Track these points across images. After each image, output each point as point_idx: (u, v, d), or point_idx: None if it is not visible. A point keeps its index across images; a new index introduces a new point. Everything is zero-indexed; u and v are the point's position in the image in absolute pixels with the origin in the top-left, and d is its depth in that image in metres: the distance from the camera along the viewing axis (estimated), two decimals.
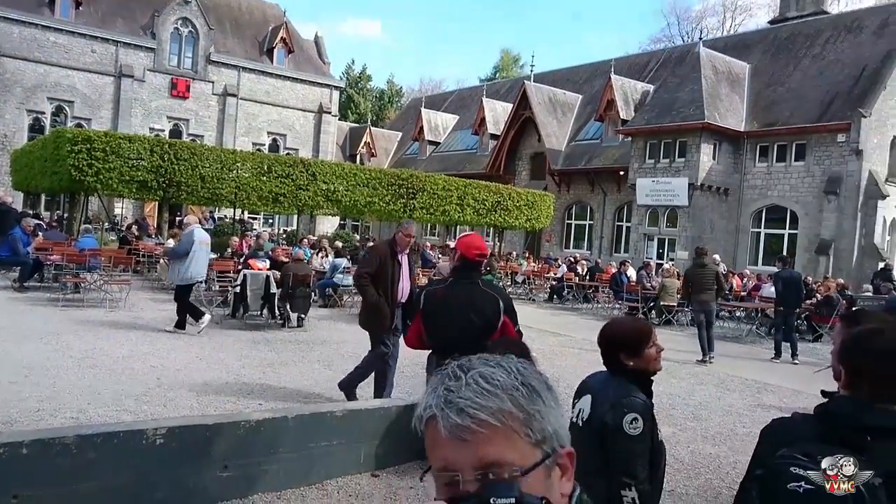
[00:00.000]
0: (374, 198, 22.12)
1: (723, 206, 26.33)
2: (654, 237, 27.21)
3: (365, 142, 42.76)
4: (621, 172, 28.73)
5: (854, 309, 2.61)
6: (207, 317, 9.98)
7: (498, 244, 28.51)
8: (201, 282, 10.31)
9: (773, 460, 1.58)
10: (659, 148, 26.58)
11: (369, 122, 47.75)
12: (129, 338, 9.32)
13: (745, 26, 54.15)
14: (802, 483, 1.48)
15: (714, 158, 25.73)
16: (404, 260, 6.47)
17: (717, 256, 20.42)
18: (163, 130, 34.01)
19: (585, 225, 32.43)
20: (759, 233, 26.25)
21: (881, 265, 20.09)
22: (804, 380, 9.11)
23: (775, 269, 13.03)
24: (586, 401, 2.91)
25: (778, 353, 11.89)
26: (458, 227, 32.00)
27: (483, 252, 4.28)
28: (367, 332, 6.66)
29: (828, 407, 1.72)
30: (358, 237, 29.09)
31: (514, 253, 28.28)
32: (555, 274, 20.52)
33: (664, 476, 2.99)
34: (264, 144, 37.10)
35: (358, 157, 41.51)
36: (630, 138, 27.85)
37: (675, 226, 26.33)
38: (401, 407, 5.30)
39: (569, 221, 33.15)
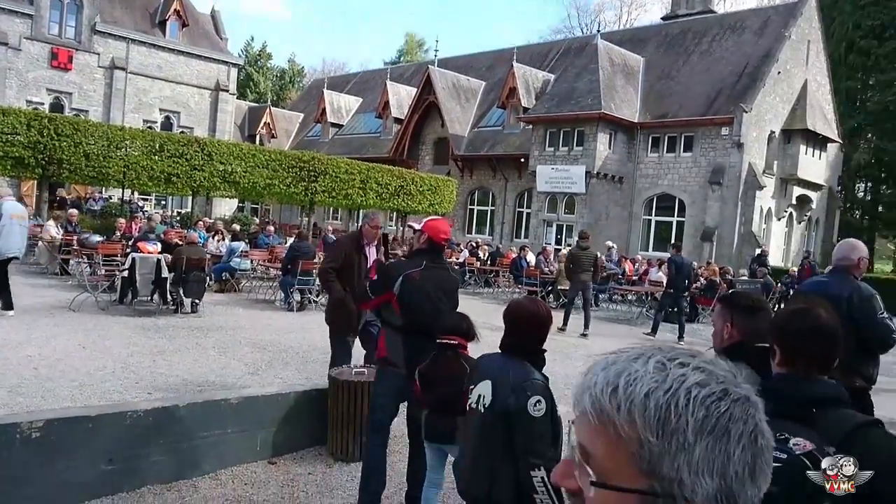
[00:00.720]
0: (274, 180, 21.53)
1: (618, 193, 27.40)
2: (553, 223, 27.98)
3: (265, 122, 41.50)
4: (522, 159, 29.32)
5: (730, 291, 2.71)
6: (11, 313, 9.30)
7: (401, 229, 28.48)
8: (17, 257, 9.60)
9: None
10: (558, 136, 27.30)
11: (269, 103, 46.34)
12: (1, 325, 8.66)
13: (641, 21, 56.45)
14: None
15: (610, 148, 26.70)
16: (371, 253, 6.02)
17: (610, 242, 21.33)
18: (42, 104, 31.59)
19: (487, 210, 32.92)
20: (651, 220, 27.53)
21: (758, 251, 21.54)
22: None
23: (668, 255, 13.72)
24: (486, 386, 2.94)
25: (654, 332, 12.60)
26: (360, 211, 31.76)
27: (449, 237, 4.41)
28: (329, 329, 6.25)
29: (772, 384, 1.78)
30: (257, 220, 28.29)
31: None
32: (457, 259, 20.73)
33: (562, 450, 3.09)
34: (156, 122, 35.25)
35: (257, 137, 40.26)
36: (531, 126, 28.45)
37: (573, 212, 27.18)
38: (299, 393, 5.20)
39: (471, 207, 33.54)
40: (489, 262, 20.49)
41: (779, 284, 18.75)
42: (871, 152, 34.92)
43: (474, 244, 23.60)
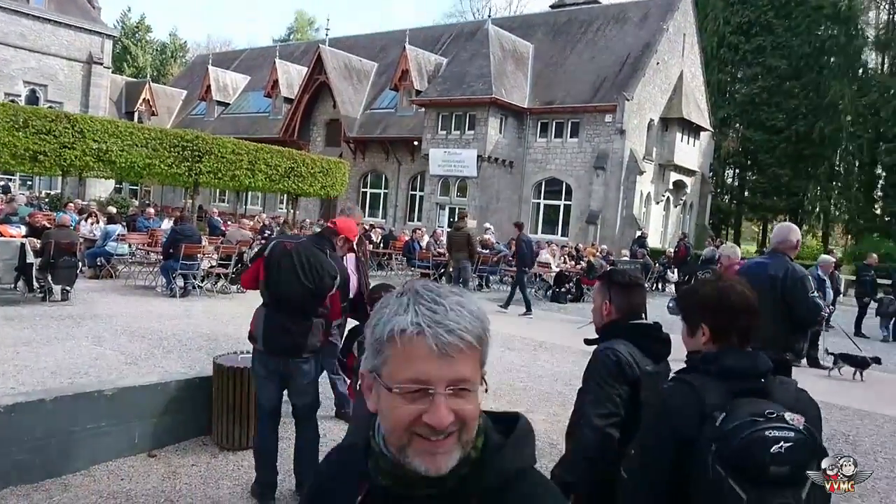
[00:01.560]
0: (154, 160, 20.37)
1: (508, 177, 27.98)
2: (445, 206, 28.22)
3: (144, 98, 39.20)
4: (416, 142, 29.32)
5: (609, 269, 2.79)
6: None
7: (292, 212, 27.82)
8: None
9: (735, 431, 1.58)
10: (451, 120, 27.49)
11: (149, 78, 43.80)
12: None
13: (530, 8, 57.59)
14: (782, 442, 1.55)
15: (501, 132, 27.18)
16: (350, 259, 5.32)
17: (488, 224, 21.87)
18: None
19: (381, 193, 32.74)
20: (540, 203, 28.32)
21: (638, 233, 22.67)
22: (570, 335, 9.99)
23: (520, 234, 13.72)
24: None
25: (529, 309, 13.02)
26: (248, 193, 30.73)
27: (350, 239, 4.33)
28: None
29: (722, 364, 1.76)
30: (136, 202, 26.76)
31: (309, 221, 27.78)
32: None
33: None
34: (20, 95, 32.44)
35: (136, 114, 37.98)
36: (424, 109, 28.47)
37: (465, 195, 27.52)
38: (181, 381, 4.97)
39: (364, 189, 33.24)
40: (382, 246, 20.42)
41: (656, 265, 19.85)
42: (739, 141, 37.50)
43: (367, 227, 23.37)
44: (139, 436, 4.62)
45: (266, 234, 16.85)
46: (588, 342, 2.60)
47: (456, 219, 14.32)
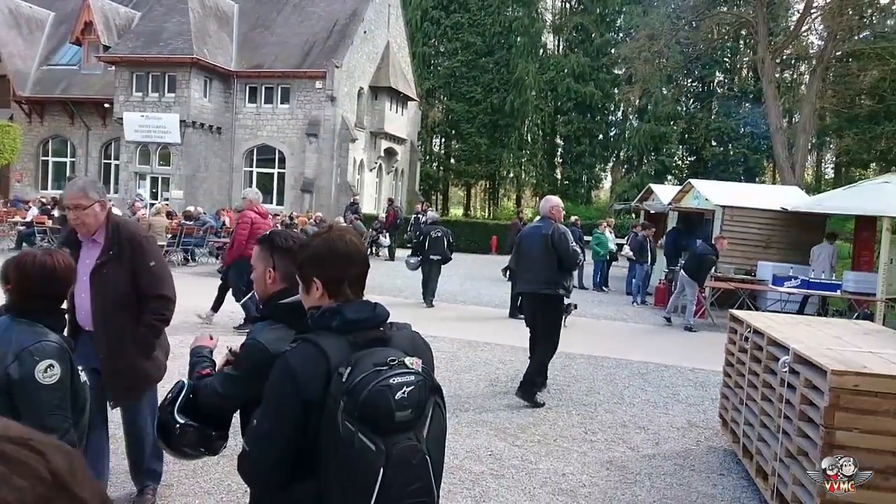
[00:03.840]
0: None
1: (216, 144, 26.44)
2: (146, 176, 25.79)
3: None
4: (107, 105, 26.22)
5: (269, 231, 2.51)
6: None
7: None
8: None
9: (362, 384, 1.56)
10: (147, 81, 25.04)
11: None
12: None
13: None
14: (405, 388, 1.58)
15: (205, 96, 25.49)
16: (92, 252, 3.52)
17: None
18: None
19: (66, 162, 28.79)
20: (252, 172, 27.27)
21: (351, 200, 23.02)
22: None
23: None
24: None
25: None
26: None
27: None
28: None
29: (343, 318, 1.67)
30: None
31: None
32: (23, 218, 17.72)
33: (89, 419, 2.74)
34: None
35: None
36: (114, 68, 25.50)
37: (168, 164, 25.40)
38: None
39: (45, 158, 28.97)
40: (63, 221, 17.96)
41: (370, 230, 20.38)
42: (443, 111, 39.98)
43: (45, 201, 20.35)
44: None
45: None
46: (250, 320, 2.34)
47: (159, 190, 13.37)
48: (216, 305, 9.18)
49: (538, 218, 6.96)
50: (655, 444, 5.46)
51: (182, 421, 2.18)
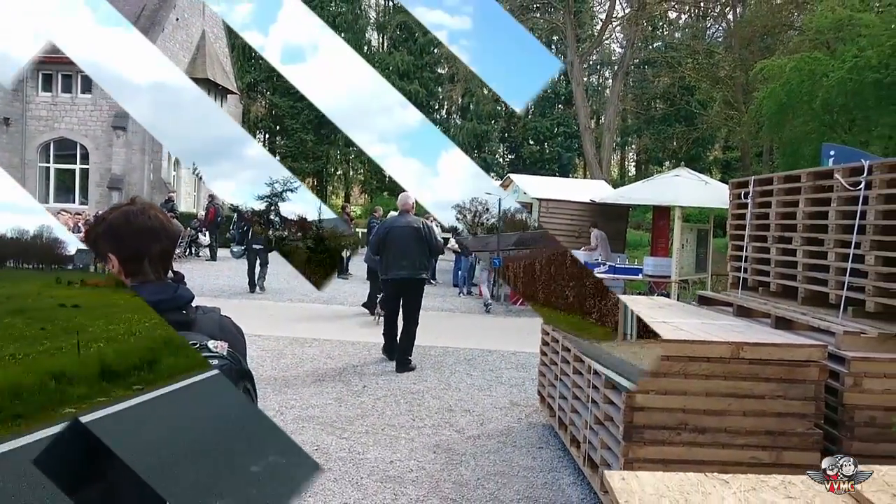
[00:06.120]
0: None
1: (4, 137, 23.58)
2: None
3: None
4: None
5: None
6: None
7: None
8: None
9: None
10: None
11: None
12: None
13: None
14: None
15: None
16: None
17: None
18: None
19: None
20: (49, 168, 24.67)
21: (166, 197, 21.58)
22: None
23: None
24: None
25: None
26: None
27: None
28: None
29: (144, 299, 1.43)
30: None
31: None
32: None
33: None
34: None
35: None
36: None
37: None
38: None
39: None
40: None
41: (188, 228, 19.24)
42: (266, 106, 38.73)
43: None
44: None
45: None
46: None
47: None
48: None
49: (398, 212, 7.86)
50: (480, 424, 5.63)
51: None
